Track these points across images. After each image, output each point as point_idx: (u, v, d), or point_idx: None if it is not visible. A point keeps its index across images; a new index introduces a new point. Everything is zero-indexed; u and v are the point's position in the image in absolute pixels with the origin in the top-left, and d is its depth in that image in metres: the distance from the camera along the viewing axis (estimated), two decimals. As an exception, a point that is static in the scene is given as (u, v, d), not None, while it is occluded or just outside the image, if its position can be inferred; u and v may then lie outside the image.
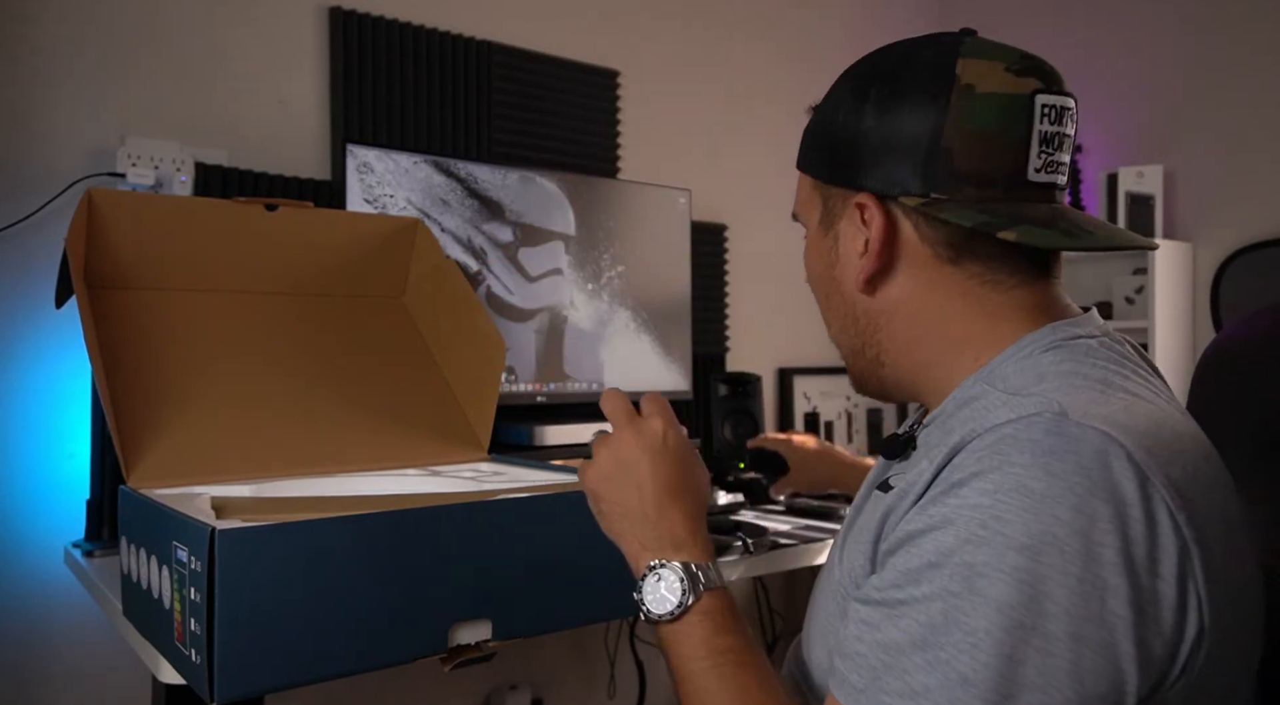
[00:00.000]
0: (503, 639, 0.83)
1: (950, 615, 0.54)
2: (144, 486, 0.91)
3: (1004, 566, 0.53)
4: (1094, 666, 0.53)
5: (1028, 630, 0.52)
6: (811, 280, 0.77)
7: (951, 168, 0.65)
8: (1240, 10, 2.43)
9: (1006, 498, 0.55)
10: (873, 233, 0.68)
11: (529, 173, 1.82)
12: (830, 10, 2.71)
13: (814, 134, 0.73)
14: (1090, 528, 0.53)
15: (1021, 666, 0.52)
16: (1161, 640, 0.54)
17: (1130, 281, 2.56)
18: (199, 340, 1.08)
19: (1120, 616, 0.53)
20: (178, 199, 1.20)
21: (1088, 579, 0.53)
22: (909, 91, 0.66)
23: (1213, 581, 0.56)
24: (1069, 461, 0.55)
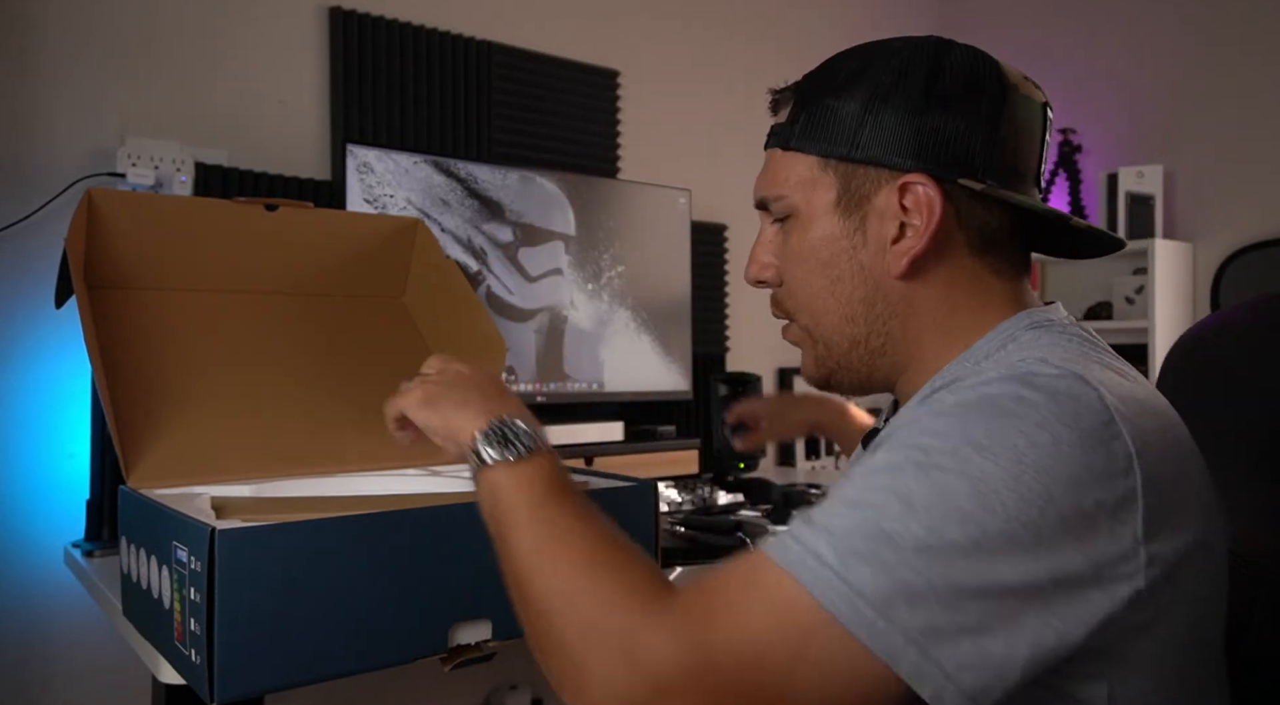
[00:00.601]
0: (503, 639, 0.83)
1: (893, 486, 0.56)
2: (144, 486, 0.91)
3: (958, 458, 0.55)
4: (1018, 576, 0.53)
5: (966, 521, 0.54)
6: (806, 266, 0.72)
7: (1003, 159, 0.68)
8: (1240, 11, 2.43)
9: (975, 406, 0.58)
10: (924, 213, 0.67)
11: (529, 173, 1.82)
12: (830, 10, 2.71)
13: (826, 110, 0.71)
14: (1052, 446, 0.55)
15: (948, 555, 0.54)
16: (1093, 568, 0.55)
17: (1130, 281, 2.56)
18: (199, 340, 1.07)
19: (1058, 534, 0.54)
20: (178, 199, 1.20)
21: (1037, 489, 0.54)
22: (972, 78, 0.68)
23: (1161, 529, 0.57)
24: (1042, 391, 0.57)
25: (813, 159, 0.71)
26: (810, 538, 0.55)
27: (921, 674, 0.52)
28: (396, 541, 0.77)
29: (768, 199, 0.75)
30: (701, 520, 1.46)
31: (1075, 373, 0.58)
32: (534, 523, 0.64)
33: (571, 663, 0.58)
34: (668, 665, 0.54)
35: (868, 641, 0.52)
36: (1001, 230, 0.69)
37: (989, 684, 0.53)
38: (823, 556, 0.54)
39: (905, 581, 0.53)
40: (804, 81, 0.75)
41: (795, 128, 0.72)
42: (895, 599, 0.52)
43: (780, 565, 0.55)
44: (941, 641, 0.53)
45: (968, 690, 0.53)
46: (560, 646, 0.59)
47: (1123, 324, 2.50)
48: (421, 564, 0.78)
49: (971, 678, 0.53)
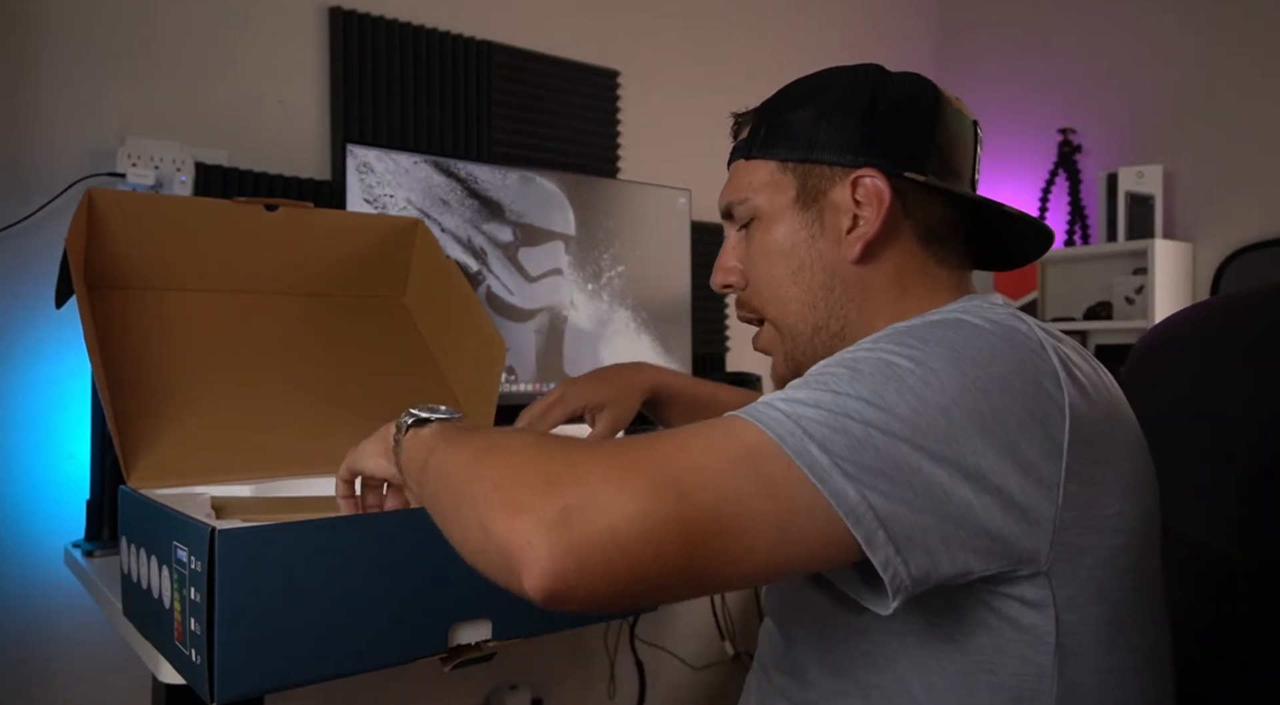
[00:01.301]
0: (503, 639, 0.83)
1: (843, 362, 0.61)
2: (144, 486, 0.91)
3: (904, 346, 0.61)
4: (948, 452, 0.57)
5: (906, 392, 0.58)
6: (769, 260, 0.78)
7: (940, 160, 0.76)
8: (1240, 11, 2.43)
9: (919, 324, 0.64)
10: (874, 202, 0.74)
11: (529, 173, 1.82)
12: (830, 11, 2.72)
13: (784, 122, 0.79)
14: (989, 352, 0.61)
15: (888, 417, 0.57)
16: (1018, 469, 0.59)
17: (1130, 281, 2.56)
18: (199, 340, 1.08)
19: (989, 426, 0.58)
20: (178, 199, 1.20)
21: (974, 379, 0.59)
22: (911, 92, 0.78)
23: (1086, 451, 0.61)
24: (981, 317, 0.64)
25: (772, 164, 0.79)
26: (766, 398, 0.60)
27: (858, 514, 0.55)
28: (396, 541, 0.77)
29: (732, 204, 0.81)
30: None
31: (1014, 312, 0.66)
32: (454, 447, 0.65)
33: (502, 493, 0.55)
34: (610, 468, 0.53)
35: (809, 472, 0.55)
36: (944, 223, 0.77)
37: (913, 542, 0.56)
38: (774, 405, 0.58)
39: (847, 428, 0.56)
40: (762, 104, 0.83)
41: (756, 140, 0.80)
42: (837, 441, 0.56)
43: (736, 415, 0.59)
44: (876, 488, 0.55)
45: (897, 540, 0.56)
46: (488, 492, 0.56)
47: (1122, 324, 2.50)
48: (421, 564, 0.79)
49: (901, 530, 0.56)
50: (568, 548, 0.50)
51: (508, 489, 0.55)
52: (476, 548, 0.57)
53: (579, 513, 0.51)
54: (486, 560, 0.56)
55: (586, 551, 0.50)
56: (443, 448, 0.66)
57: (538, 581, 0.51)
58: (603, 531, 0.51)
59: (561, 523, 0.51)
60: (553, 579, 0.50)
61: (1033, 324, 0.65)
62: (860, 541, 0.55)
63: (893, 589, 0.56)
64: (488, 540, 0.54)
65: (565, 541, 0.50)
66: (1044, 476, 0.60)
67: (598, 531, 0.51)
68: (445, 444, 0.66)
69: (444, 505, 0.62)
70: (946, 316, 0.65)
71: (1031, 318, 0.67)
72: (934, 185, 0.75)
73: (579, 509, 0.51)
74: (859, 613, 0.67)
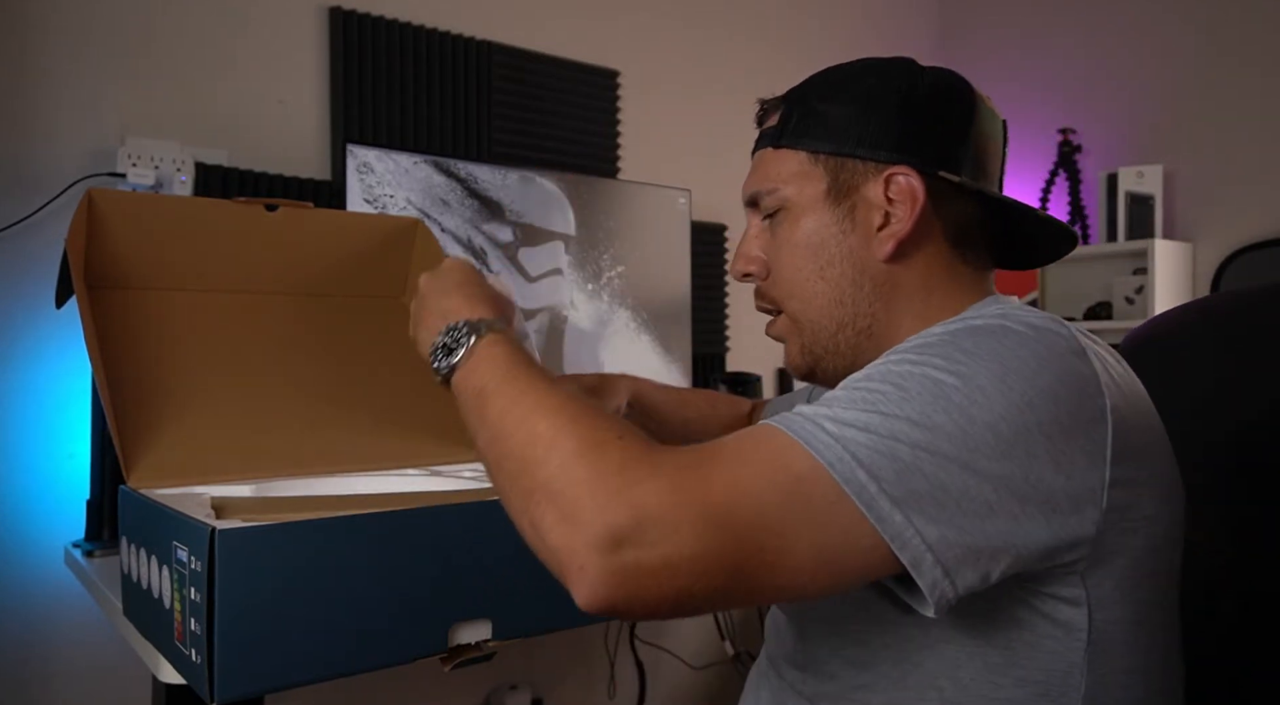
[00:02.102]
0: (503, 639, 0.83)
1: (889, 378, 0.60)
2: (144, 486, 0.91)
3: (950, 360, 0.60)
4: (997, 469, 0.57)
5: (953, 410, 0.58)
6: (796, 254, 0.77)
7: (974, 160, 0.76)
8: (1240, 11, 2.43)
9: (963, 331, 0.63)
10: (908, 200, 0.73)
11: (529, 173, 1.82)
12: (830, 11, 2.72)
13: (816, 112, 0.77)
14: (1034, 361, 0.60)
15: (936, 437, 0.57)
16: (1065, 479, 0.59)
17: (1130, 281, 2.56)
18: (199, 340, 1.07)
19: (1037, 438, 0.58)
20: (178, 199, 1.20)
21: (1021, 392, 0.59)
22: (947, 89, 0.77)
23: (1125, 454, 0.62)
24: (1023, 324, 0.63)
25: (803, 155, 0.77)
26: (810, 412, 0.60)
27: (904, 539, 0.56)
28: (396, 541, 0.77)
29: (760, 194, 0.80)
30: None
31: (1051, 317, 0.65)
32: (499, 395, 0.64)
33: (558, 499, 0.56)
34: (663, 493, 0.54)
35: (856, 499, 0.55)
36: (973, 223, 0.76)
37: (964, 562, 0.57)
38: (822, 425, 0.58)
39: (895, 452, 0.56)
40: (791, 91, 0.81)
41: (786, 128, 0.78)
42: (885, 466, 0.56)
43: (779, 427, 0.59)
44: (924, 513, 0.56)
45: (945, 563, 0.56)
46: (545, 485, 0.57)
47: (1122, 324, 2.50)
48: (421, 564, 0.79)
49: (950, 554, 0.56)
50: (621, 575, 0.53)
51: (562, 490, 0.56)
52: (527, 536, 0.59)
53: (633, 540, 0.53)
54: (535, 548, 0.58)
55: (639, 579, 0.53)
56: (502, 392, 0.64)
57: (587, 600, 0.54)
58: (656, 563, 0.53)
59: (615, 547, 0.53)
60: (603, 601, 0.54)
61: (1072, 328, 0.65)
62: (907, 566, 0.56)
63: (937, 607, 0.57)
64: (539, 539, 0.57)
65: (618, 567, 0.53)
66: (1089, 484, 0.60)
67: (651, 562, 0.53)
68: (502, 386, 0.65)
69: (497, 471, 0.62)
70: (990, 323, 0.64)
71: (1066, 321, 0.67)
72: (966, 186, 0.74)
73: (633, 536, 0.53)
74: (884, 606, 0.67)
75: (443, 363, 0.70)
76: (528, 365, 0.67)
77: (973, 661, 0.64)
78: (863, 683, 0.69)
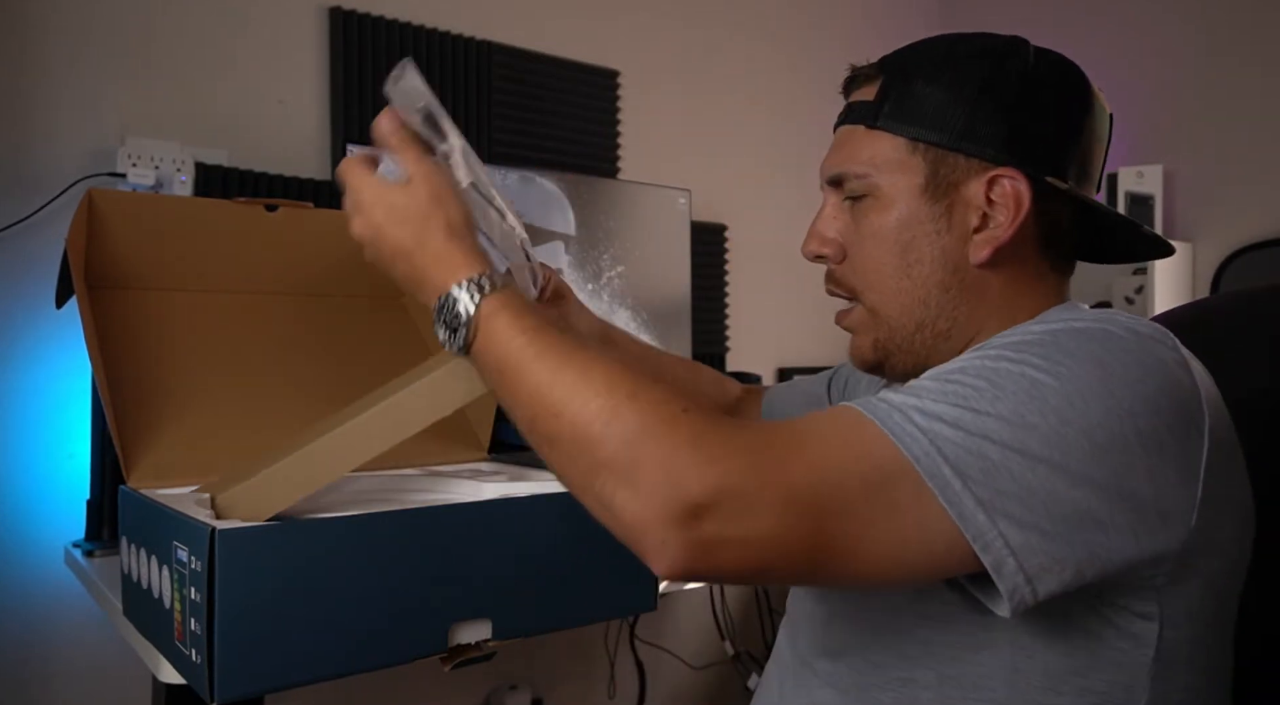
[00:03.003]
0: (503, 639, 0.83)
1: (984, 374, 0.58)
2: (144, 486, 0.91)
3: (1050, 360, 0.58)
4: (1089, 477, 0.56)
5: (1049, 413, 0.56)
6: (883, 246, 0.72)
7: (1080, 163, 0.72)
8: (1240, 11, 2.43)
9: (1065, 332, 0.60)
10: (1011, 206, 0.69)
11: (529, 173, 1.82)
12: (830, 11, 2.71)
13: (919, 94, 0.71)
14: (1137, 368, 0.58)
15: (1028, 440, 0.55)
16: (1156, 491, 0.57)
17: (1130, 281, 2.57)
18: (199, 340, 1.08)
19: (1133, 448, 0.56)
20: (178, 199, 1.20)
21: (1121, 400, 0.57)
22: (1064, 83, 0.72)
23: (1218, 472, 0.60)
24: (1126, 329, 0.61)
25: (901, 141, 0.71)
26: (900, 401, 0.58)
27: (986, 541, 0.54)
28: (396, 541, 0.77)
29: (846, 175, 0.74)
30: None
31: (1156, 326, 0.62)
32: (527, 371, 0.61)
33: (630, 477, 0.54)
34: (744, 472, 0.54)
35: (941, 496, 0.54)
36: (1067, 229, 0.73)
37: (1048, 570, 0.55)
38: (910, 416, 0.56)
39: (984, 451, 0.55)
40: (891, 62, 0.74)
41: (884, 107, 0.72)
42: (972, 465, 0.54)
43: (867, 415, 0.57)
44: (1009, 515, 0.54)
45: (1028, 569, 0.55)
46: (609, 464, 0.55)
47: (1123, 324, 2.51)
48: (421, 564, 0.79)
49: (1033, 560, 0.55)
50: (701, 548, 0.53)
51: (633, 468, 0.54)
52: (594, 511, 0.58)
53: (713, 515, 0.53)
54: (605, 522, 0.57)
55: (719, 552, 0.53)
56: (528, 368, 0.61)
57: (668, 571, 0.54)
58: (736, 539, 0.53)
59: (694, 521, 0.53)
60: (683, 571, 0.54)
61: (1175, 339, 0.63)
62: (989, 568, 0.55)
63: (1014, 610, 0.56)
64: (611, 516, 0.56)
65: (697, 540, 0.53)
66: (1180, 501, 0.58)
67: (731, 538, 0.53)
68: (525, 362, 0.61)
69: (547, 449, 0.60)
70: (1093, 327, 0.61)
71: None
72: (1074, 194, 0.70)
73: (713, 511, 0.53)
74: (949, 600, 0.65)
75: (452, 344, 0.66)
76: (539, 330, 0.63)
77: (1032, 665, 0.62)
78: (910, 676, 0.67)
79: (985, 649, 0.64)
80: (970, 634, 0.64)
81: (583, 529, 0.82)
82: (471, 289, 0.65)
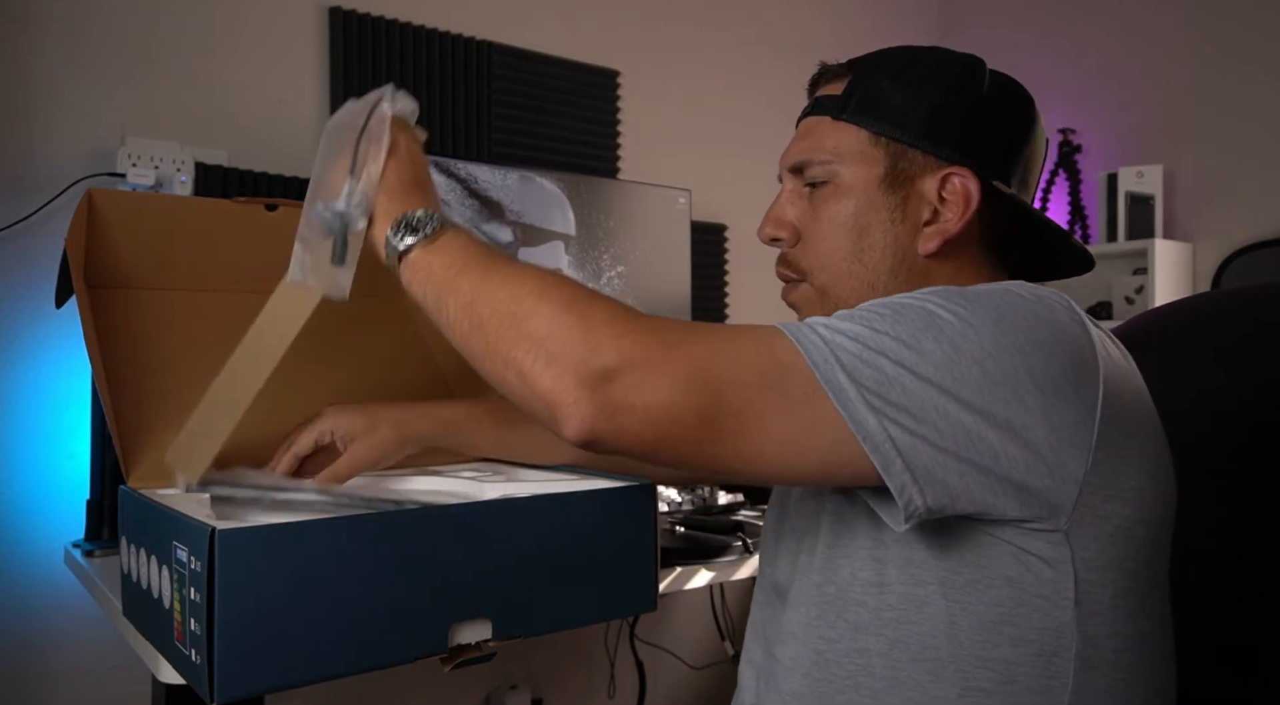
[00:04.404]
0: (503, 639, 0.83)
1: (890, 304, 0.63)
2: (144, 486, 0.91)
3: (948, 300, 0.62)
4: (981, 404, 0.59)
5: (942, 341, 0.60)
6: (838, 232, 0.77)
7: (1022, 173, 0.78)
8: (1240, 11, 2.43)
9: (963, 289, 0.65)
10: (961, 202, 0.75)
11: (529, 173, 1.82)
12: (830, 10, 2.72)
13: (884, 92, 0.76)
14: (1031, 316, 0.62)
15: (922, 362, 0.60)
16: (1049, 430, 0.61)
17: (1130, 281, 2.56)
18: (199, 340, 1.07)
19: (1026, 385, 0.60)
20: (178, 199, 1.20)
21: (1015, 338, 0.61)
22: (1014, 99, 0.78)
23: (1115, 422, 0.64)
24: (1026, 289, 0.66)
25: (864, 133, 0.76)
26: (810, 320, 0.63)
27: (875, 442, 0.58)
28: (396, 541, 0.77)
29: (809, 163, 0.79)
30: (701, 520, 1.46)
31: (1057, 292, 0.67)
32: (478, 265, 0.67)
33: (549, 343, 0.60)
34: (651, 345, 0.59)
35: (835, 399, 0.59)
36: (1009, 232, 0.78)
37: (935, 477, 0.59)
38: (816, 329, 0.61)
39: (879, 364, 0.59)
40: (857, 62, 0.80)
41: (850, 101, 0.77)
42: (867, 374, 0.59)
43: (779, 326, 0.62)
44: (898, 422, 0.58)
45: (915, 470, 0.59)
46: (533, 334, 0.60)
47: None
48: (421, 564, 0.78)
49: (919, 461, 0.59)
50: (608, 410, 0.58)
51: (553, 336, 0.60)
52: (511, 386, 0.63)
53: (620, 379, 0.58)
54: (519, 396, 0.62)
55: (622, 417, 0.58)
56: (480, 262, 0.67)
57: (576, 431, 0.58)
58: (639, 405, 0.58)
59: (604, 384, 0.58)
60: (589, 432, 0.58)
61: (1076, 305, 0.67)
62: (877, 467, 0.58)
63: (906, 514, 0.59)
64: (526, 386, 0.61)
65: (606, 402, 0.57)
66: (1075, 438, 0.61)
67: (634, 403, 0.58)
68: (479, 259, 0.67)
69: (475, 332, 0.65)
70: (994, 286, 0.66)
71: None
72: (1014, 199, 0.76)
73: (620, 375, 0.58)
74: (880, 568, 0.69)
75: (402, 239, 0.70)
76: (495, 250, 0.69)
77: (967, 617, 0.65)
78: (864, 646, 0.70)
79: (925, 605, 0.67)
80: (907, 594, 0.68)
81: (583, 529, 0.82)
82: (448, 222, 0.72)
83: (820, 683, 0.72)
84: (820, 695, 0.72)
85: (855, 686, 0.69)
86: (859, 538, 0.70)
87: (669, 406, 0.58)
